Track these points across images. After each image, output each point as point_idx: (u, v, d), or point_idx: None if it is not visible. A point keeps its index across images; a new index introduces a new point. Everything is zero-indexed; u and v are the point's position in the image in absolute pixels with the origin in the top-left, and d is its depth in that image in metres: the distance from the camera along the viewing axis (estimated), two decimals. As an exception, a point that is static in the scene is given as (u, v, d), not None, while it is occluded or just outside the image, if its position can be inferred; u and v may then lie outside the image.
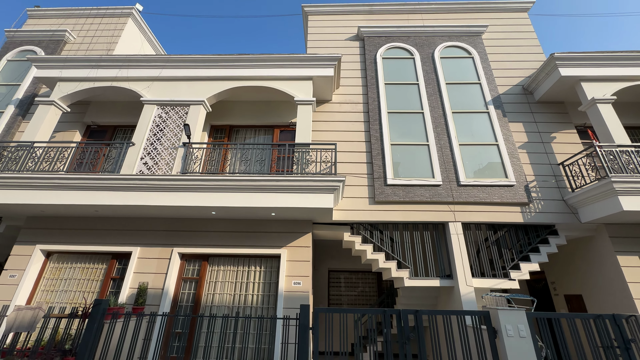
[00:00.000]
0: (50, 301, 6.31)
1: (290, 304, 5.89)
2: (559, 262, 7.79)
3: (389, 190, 6.91)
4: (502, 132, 7.47)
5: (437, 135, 7.51)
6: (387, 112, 7.83)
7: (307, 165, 6.24)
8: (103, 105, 8.37)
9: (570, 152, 7.26)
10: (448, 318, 4.83)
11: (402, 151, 7.40)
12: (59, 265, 6.68)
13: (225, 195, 5.88)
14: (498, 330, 4.61)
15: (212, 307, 6.19)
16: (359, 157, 7.42)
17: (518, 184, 6.89)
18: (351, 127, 7.82)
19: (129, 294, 6.09)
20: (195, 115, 6.94)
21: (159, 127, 6.87)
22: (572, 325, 4.63)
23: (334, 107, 8.13)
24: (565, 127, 7.68)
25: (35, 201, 5.90)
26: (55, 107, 7.28)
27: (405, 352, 4.59)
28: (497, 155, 7.26)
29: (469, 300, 6.02)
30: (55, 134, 7.96)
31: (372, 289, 9.63)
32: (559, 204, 6.77)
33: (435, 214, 6.77)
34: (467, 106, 7.89)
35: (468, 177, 7.04)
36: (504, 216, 6.70)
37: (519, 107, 7.96)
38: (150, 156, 6.55)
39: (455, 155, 7.22)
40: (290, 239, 6.52)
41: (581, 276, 7.17)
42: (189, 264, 6.64)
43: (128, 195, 5.93)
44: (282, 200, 5.80)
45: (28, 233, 6.71)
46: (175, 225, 6.71)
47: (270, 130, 8.20)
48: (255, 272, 6.51)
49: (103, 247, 6.57)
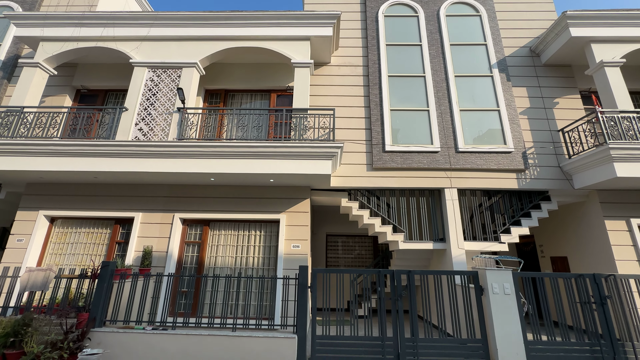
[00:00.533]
0: (59, 263, 6.58)
1: (290, 266, 6.19)
2: (549, 227, 8.07)
3: (387, 157, 6.91)
4: (505, 97, 7.30)
5: (438, 101, 7.34)
6: (388, 76, 7.56)
7: (305, 132, 6.17)
8: (92, 68, 8.00)
9: (571, 118, 7.17)
10: (439, 278, 5.13)
11: (401, 117, 7.27)
12: (64, 230, 6.86)
13: (223, 161, 5.88)
14: (485, 288, 4.92)
15: (215, 269, 6.50)
16: (358, 123, 7.31)
17: (516, 151, 6.90)
18: (350, 92, 7.60)
19: (134, 257, 6.34)
20: (188, 78, 6.68)
21: (152, 92, 6.65)
22: (555, 284, 4.94)
23: (332, 71, 7.83)
24: (570, 92, 7.50)
25: (31, 168, 5.89)
26: (41, 70, 6.96)
27: (397, 308, 4.93)
28: (498, 121, 7.16)
29: (460, 261, 6.33)
30: (44, 98, 7.70)
31: (368, 252, 10.05)
32: (554, 171, 6.85)
33: (431, 181, 6.85)
34: (470, 69, 7.61)
35: (467, 144, 7.01)
36: (499, 182, 6.80)
37: (524, 70, 7.69)
38: (144, 122, 6.42)
39: (455, 121, 7.12)
40: (289, 205, 6.66)
41: (568, 239, 7.48)
42: (190, 228, 6.83)
43: (125, 161, 5.91)
44: (281, 167, 5.82)
45: (30, 199, 6.79)
46: (175, 191, 6.79)
47: (266, 95, 7.96)
48: (255, 236, 6.74)
49: (106, 212, 6.70)
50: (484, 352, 4.71)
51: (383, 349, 4.72)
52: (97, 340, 4.69)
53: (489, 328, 4.77)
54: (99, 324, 4.90)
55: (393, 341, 4.76)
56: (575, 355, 4.66)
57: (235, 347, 4.65)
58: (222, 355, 4.61)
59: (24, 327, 4.57)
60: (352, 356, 4.72)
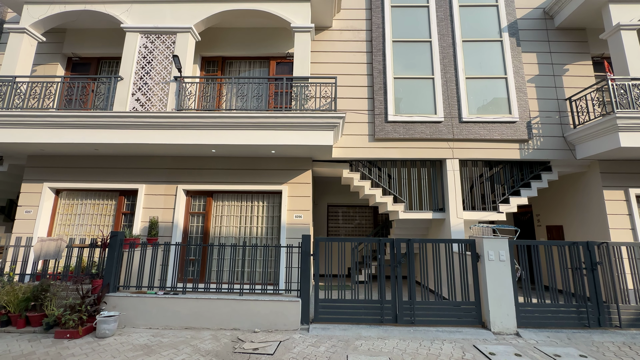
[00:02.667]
0: (68, 234, 6.78)
1: (292, 235, 6.38)
2: (546, 196, 8.18)
3: (389, 127, 6.82)
4: (513, 64, 7.02)
5: (443, 68, 7.07)
6: (392, 41, 7.22)
7: (306, 101, 6.03)
8: (83, 34, 7.63)
9: (580, 86, 6.95)
10: (437, 245, 5.31)
11: (405, 85, 7.06)
12: (70, 202, 6.98)
13: (223, 133, 5.82)
14: (481, 255, 5.11)
15: (221, 238, 6.71)
16: (360, 92, 7.11)
17: (521, 121, 6.79)
18: (352, 59, 7.30)
19: (141, 227, 6.52)
20: (183, 45, 6.39)
21: (147, 60, 6.39)
22: (549, 251, 5.13)
23: (333, 35, 7.45)
24: (581, 58, 7.20)
25: (29, 140, 5.84)
26: (29, 36, 6.63)
27: (396, 274, 5.17)
28: (504, 89, 6.96)
29: (458, 230, 6.51)
30: (35, 67, 7.43)
31: (368, 221, 10.30)
32: (557, 141, 6.79)
33: (434, 151, 6.83)
34: (479, 34, 7.24)
35: (471, 113, 6.88)
36: (501, 153, 6.78)
37: (535, 34, 7.31)
38: (141, 92, 6.25)
39: (460, 89, 6.93)
40: (290, 176, 6.70)
41: (564, 209, 7.62)
42: (194, 199, 6.94)
43: (124, 133, 5.85)
44: (282, 138, 5.77)
45: (33, 171, 6.82)
46: (178, 163, 6.80)
47: (265, 63, 7.66)
48: (258, 206, 6.87)
49: (110, 184, 6.77)
50: (476, 313, 5.02)
51: (382, 310, 5.02)
52: (112, 304, 4.99)
53: (483, 292, 5.04)
54: (113, 289, 5.17)
55: (391, 304, 5.05)
56: (562, 315, 4.97)
57: (243, 309, 4.95)
58: (231, 316, 4.92)
59: (43, 292, 4.83)
60: (352, 317, 5.04)
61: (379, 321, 4.98)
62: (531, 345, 4.35)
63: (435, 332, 4.76)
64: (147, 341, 4.37)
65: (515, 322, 4.83)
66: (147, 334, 4.65)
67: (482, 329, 4.88)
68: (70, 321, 4.41)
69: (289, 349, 4.13)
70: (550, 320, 4.94)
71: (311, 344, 4.29)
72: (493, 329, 4.79)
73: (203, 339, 4.46)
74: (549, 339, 4.59)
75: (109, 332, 4.49)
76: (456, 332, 4.76)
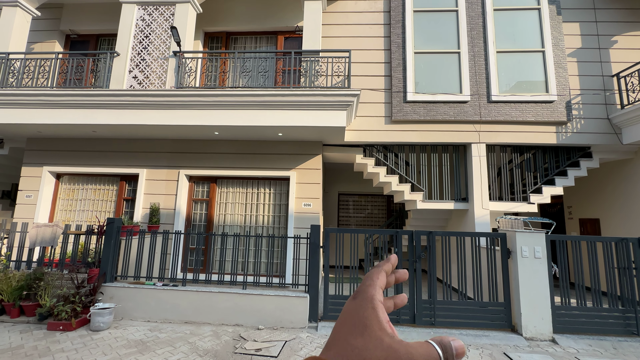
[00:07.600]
0: (70, 220, 6.54)
1: (301, 224, 5.92)
2: (581, 187, 7.39)
3: (409, 108, 6.16)
4: (552, 36, 6.17)
5: (471, 41, 6.29)
6: (413, 11, 6.45)
7: (317, 78, 5.44)
8: (81, 9, 7.19)
9: (630, 61, 6.06)
10: (462, 239, 4.74)
11: (427, 61, 6.34)
12: (70, 187, 6.72)
13: (226, 112, 5.32)
14: (513, 251, 4.52)
15: (225, 227, 6.32)
16: (376, 69, 6.44)
17: (559, 100, 5.99)
18: (368, 32, 6.59)
19: (142, 214, 6.20)
20: (183, 16, 5.85)
21: (144, 34, 5.90)
22: (593, 248, 4.48)
23: (347, 6, 6.74)
24: (633, 27, 6.26)
25: (24, 120, 5.52)
26: (23, 10, 6.23)
27: (415, 269, 4.65)
28: (541, 64, 6.14)
29: (483, 222, 5.89)
30: (32, 45, 7.09)
31: (381, 211, 9.74)
32: (601, 123, 5.98)
33: (457, 135, 6.15)
34: (513, 1, 6.38)
35: (501, 92, 6.13)
36: (535, 137, 6.04)
37: (579, 1, 6.39)
38: (139, 68, 5.79)
39: (489, 65, 6.16)
40: (299, 161, 6.19)
41: (603, 201, 6.84)
42: (197, 185, 6.55)
43: (121, 113, 5.44)
44: (290, 119, 5.24)
45: (32, 155, 6.57)
46: (179, 146, 6.39)
47: (273, 38, 7.06)
48: (264, 194, 6.42)
49: (110, 169, 6.44)
50: (505, 315, 4.47)
51: (398, 309, 4.54)
52: (109, 295, 4.69)
53: (514, 292, 4.47)
54: (110, 279, 4.87)
55: (409, 302, 4.56)
56: (606, 321, 4.36)
57: (247, 304, 4.56)
58: (233, 311, 4.56)
59: (36, 281, 4.57)
60: (365, 316, 4.58)
61: (395, 321, 4.51)
62: (572, 355, 3.80)
63: (459, 335, 4.26)
64: (142, 336, 4.05)
65: (551, 327, 4.26)
66: (144, 327, 4.34)
67: (512, 333, 4.34)
68: (63, 312, 4.13)
69: (295, 351, 3.73)
70: (591, 326, 4.34)
71: (319, 345, 3.87)
72: (525, 334, 4.24)
73: (203, 336, 4.11)
74: (591, 347, 4.01)
75: (103, 325, 4.19)
76: (482, 336, 4.25)
